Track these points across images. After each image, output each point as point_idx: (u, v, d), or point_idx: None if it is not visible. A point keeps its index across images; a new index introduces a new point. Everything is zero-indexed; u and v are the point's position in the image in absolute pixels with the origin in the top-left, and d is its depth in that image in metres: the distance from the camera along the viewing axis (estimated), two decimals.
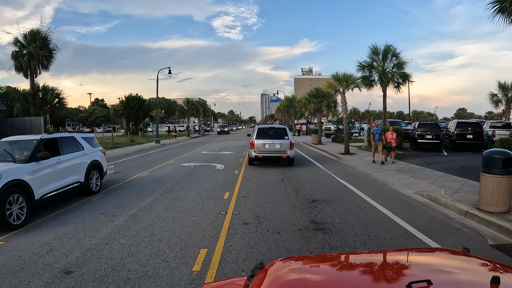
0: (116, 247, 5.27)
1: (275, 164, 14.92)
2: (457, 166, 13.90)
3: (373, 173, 13.05)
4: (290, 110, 47.30)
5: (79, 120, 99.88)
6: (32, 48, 26.08)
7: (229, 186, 9.95)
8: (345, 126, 18.84)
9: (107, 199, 8.70)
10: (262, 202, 8.07)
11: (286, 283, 1.67)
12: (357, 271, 1.85)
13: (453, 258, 1.94)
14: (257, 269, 1.91)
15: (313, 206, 7.69)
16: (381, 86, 21.36)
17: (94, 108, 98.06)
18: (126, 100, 46.69)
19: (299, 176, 11.79)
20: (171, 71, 34.57)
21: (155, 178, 11.74)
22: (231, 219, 6.70)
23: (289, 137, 14.38)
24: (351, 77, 18.18)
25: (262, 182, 10.56)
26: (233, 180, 10.95)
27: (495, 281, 1.42)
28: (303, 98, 28.11)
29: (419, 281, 1.45)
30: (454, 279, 1.66)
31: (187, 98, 51.59)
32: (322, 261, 2.10)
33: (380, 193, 9.17)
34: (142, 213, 7.25)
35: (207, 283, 2.21)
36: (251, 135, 15.25)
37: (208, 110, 68.84)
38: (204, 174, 12.45)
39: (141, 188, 9.97)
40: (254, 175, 12.11)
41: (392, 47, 21.05)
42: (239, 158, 17.63)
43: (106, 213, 7.32)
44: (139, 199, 8.60)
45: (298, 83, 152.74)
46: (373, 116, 79.78)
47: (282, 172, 12.75)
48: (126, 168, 14.75)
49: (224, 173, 12.53)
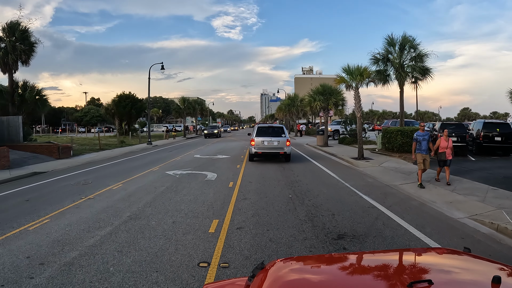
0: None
1: (279, 174, 12.40)
2: (498, 176, 11.50)
3: (400, 185, 10.54)
4: (292, 109, 44.64)
5: (74, 119, 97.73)
6: (9, 42, 23.49)
7: (219, 209, 7.39)
8: (359, 126, 16.29)
9: (49, 230, 6.16)
10: (264, 240, 5.50)
11: (287, 283, 1.64)
12: (358, 271, 1.80)
13: (454, 258, 1.94)
14: (258, 269, 1.87)
15: (341, 247, 5.15)
16: (398, 82, 18.82)
17: (89, 108, 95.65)
18: (118, 99, 44.09)
19: (311, 191, 9.24)
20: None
21: (126, 194, 9.21)
22: (216, 277, 4.17)
23: (286, 135, 15.54)
24: (366, 70, 15.64)
25: (263, 202, 8.00)
26: (226, 198, 8.38)
27: (496, 281, 1.39)
28: (307, 96, 25.55)
29: (420, 281, 1.43)
30: (455, 279, 1.63)
31: (183, 97, 48.95)
32: (323, 261, 2.09)
33: (426, 220, 6.66)
34: (83, 261, 4.71)
35: (207, 283, 2.17)
36: (252, 134, 16.12)
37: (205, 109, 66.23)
38: (189, 187, 9.89)
39: (100, 211, 7.43)
40: (253, 189, 9.57)
41: (411, 37, 18.54)
42: (235, 164, 15.08)
43: (32, 258, 4.78)
44: (90, 231, 6.06)
45: (298, 83, 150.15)
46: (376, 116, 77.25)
47: (289, 185, 10.21)
48: (99, 178, 12.22)
49: (215, 186, 9.98)
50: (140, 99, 47.09)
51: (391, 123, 28.49)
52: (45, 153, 20.18)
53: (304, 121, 65.71)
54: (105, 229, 6.13)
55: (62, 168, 15.35)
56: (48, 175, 13.64)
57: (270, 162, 16.08)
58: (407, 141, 16.84)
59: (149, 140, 31.19)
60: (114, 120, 48.04)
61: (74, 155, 21.17)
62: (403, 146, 16.87)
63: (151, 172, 13.21)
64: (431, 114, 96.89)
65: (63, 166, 16.02)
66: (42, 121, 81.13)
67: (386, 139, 18.02)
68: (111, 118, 48.31)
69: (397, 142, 16.97)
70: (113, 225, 6.41)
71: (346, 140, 25.33)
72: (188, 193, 8.99)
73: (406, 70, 18.56)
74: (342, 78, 16.10)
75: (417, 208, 7.73)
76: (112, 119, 49.14)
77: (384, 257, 2.07)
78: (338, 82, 16.07)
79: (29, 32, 24.60)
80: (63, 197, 9.10)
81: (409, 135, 16.84)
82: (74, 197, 8.98)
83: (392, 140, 17.33)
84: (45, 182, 11.67)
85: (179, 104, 49.44)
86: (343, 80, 16.07)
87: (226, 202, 7.96)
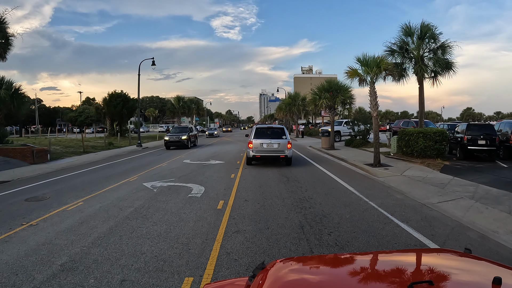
0: None
1: (283, 187, 10.00)
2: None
3: (439, 204, 8.19)
4: (293, 108, 42.17)
5: (69, 119, 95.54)
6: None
7: (198, 254, 4.94)
8: (375, 127, 13.89)
9: None
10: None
11: (288, 283, 1.62)
12: (358, 272, 1.76)
13: (455, 259, 1.91)
14: (258, 270, 1.85)
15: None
16: (417, 76, 16.47)
17: (84, 108, 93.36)
18: (109, 98, 41.58)
19: (328, 216, 6.83)
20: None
21: (79, 219, 6.81)
22: None
23: (287, 137, 14.18)
24: (383, 61, 13.24)
25: (264, 239, 5.56)
26: (211, 231, 5.94)
27: (497, 282, 1.38)
28: (311, 93, 23.15)
29: (421, 282, 1.42)
30: (455, 280, 1.62)
31: (177, 96, 46.43)
32: (324, 261, 2.07)
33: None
34: None
35: (208, 284, 2.13)
36: (249, 135, 14.88)
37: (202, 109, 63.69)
38: (165, 209, 7.46)
39: (29, 252, 5.04)
40: (249, 213, 7.17)
41: (431, 25, 16.18)
42: (229, 173, 12.66)
43: None
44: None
45: (297, 82, 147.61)
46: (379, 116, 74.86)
47: (297, 205, 7.80)
48: (62, 191, 9.85)
49: (199, 208, 7.56)
50: (132, 98, 44.62)
51: (402, 123, 26.14)
52: (18, 157, 17.81)
53: (304, 121, 63.32)
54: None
55: (29, 176, 13.00)
56: (9, 185, 11.30)
57: (270, 167, 13.72)
58: (430, 145, 14.50)
59: (139, 142, 28.78)
60: (105, 120, 45.56)
61: (52, 159, 18.80)
62: (425, 151, 14.51)
63: (126, 184, 10.82)
64: (435, 114, 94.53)
65: (33, 174, 13.67)
66: (36, 121, 78.88)
67: (404, 142, 15.66)
68: (102, 118, 45.86)
69: (418, 146, 14.60)
70: (31, 283, 4.03)
71: (354, 142, 22.96)
72: (160, 220, 6.57)
73: (426, 63, 16.23)
74: (355, 70, 13.71)
75: (480, 244, 5.38)
76: (103, 119, 46.69)
77: (385, 258, 2.05)
78: (351, 75, 13.65)
79: (6, 23, 22.23)
80: (1, 221, 6.80)
81: (432, 138, 14.51)
82: (14, 222, 6.74)
83: (412, 143, 14.96)
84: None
85: (173, 103, 46.91)
86: (356, 73, 13.68)
87: (210, 238, 5.53)
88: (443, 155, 14.92)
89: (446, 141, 14.99)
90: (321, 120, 46.76)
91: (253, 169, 13.61)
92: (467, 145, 15.29)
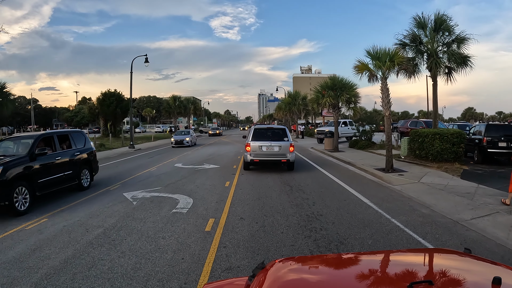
0: None
1: (286, 199, 8.56)
2: None
3: (473, 220, 6.79)
4: (293, 108, 40.68)
5: (64, 119, 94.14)
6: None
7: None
8: (387, 127, 12.45)
9: None
10: None
11: (287, 283, 1.60)
12: (358, 272, 1.73)
13: (455, 258, 1.87)
14: (258, 269, 1.83)
15: None
16: (430, 72, 15.06)
17: (80, 107, 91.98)
18: (103, 97, 40.11)
19: (345, 241, 5.35)
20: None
21: (34, 244, 5.36)
22: None
23: (289, 139, 12.84)
24: (398, 54, 11.80)
25: None
26: (194, 268, 4.47)
27: (497, 281, 1.35)
28: (314, 91, 21.71)
29: (420, 282, 1.40)
30: (455, 279, 1.58)
31: (173, 95, 44.88)
32: (323, 261, 2.03)
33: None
34: None
35: (208, 283, 2.09)
36: (247, 137, 13.58)
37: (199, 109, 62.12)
38: (141, 232, 5.98)
39: None
40: (246, 237, 5.73)
41: (446, 16, 14.77)
42: (224, 180, 11.19)
43: None
44: None
45: (297, 82, 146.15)
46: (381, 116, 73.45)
47: (305, 225, 6.35)
48: None
49: (183, 231, 6.08)
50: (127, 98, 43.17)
51: (410, 123, 24.66)
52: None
53: (303, 121, 61.87)
54: None
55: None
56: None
57: (270, 173, 12.30)
58: (447, 148, 13.08)
59: (132, 143, 27.31)
60: (98, 120, 44.05)
61: None
62: (442, 154, 13.09)
63: (104, 194, 9.37)
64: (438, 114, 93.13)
65: None
66: (32, 122, 77.46)
67: (417, 144, 14.22)
68: (96, 118, 44.37)
69: (434, 149, 13.17)
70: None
71: (359, 144, 21.53)
72: (131, 249, 5.10)
73: (441, 57, 14.82)
74: (365, 65, 12.25)
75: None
76: (97, 119, 45.18)
77: (385, 258, 1.98)
78: (360, 69, 12.18)
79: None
80: None
81: (450, 140, 13.09)
82: None
83: (426, 145, 13.53)
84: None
85: (169, 102, 45.34)
86: (366, 67, 12.23)
87: (190, 281, 4.05)
88: (460, 158, 13.51)
89: (464, 143, 13.58)
90: (322, 120, 45.25)
91: (251, 175, 12.16)
92: (486, 147, 13.88)
